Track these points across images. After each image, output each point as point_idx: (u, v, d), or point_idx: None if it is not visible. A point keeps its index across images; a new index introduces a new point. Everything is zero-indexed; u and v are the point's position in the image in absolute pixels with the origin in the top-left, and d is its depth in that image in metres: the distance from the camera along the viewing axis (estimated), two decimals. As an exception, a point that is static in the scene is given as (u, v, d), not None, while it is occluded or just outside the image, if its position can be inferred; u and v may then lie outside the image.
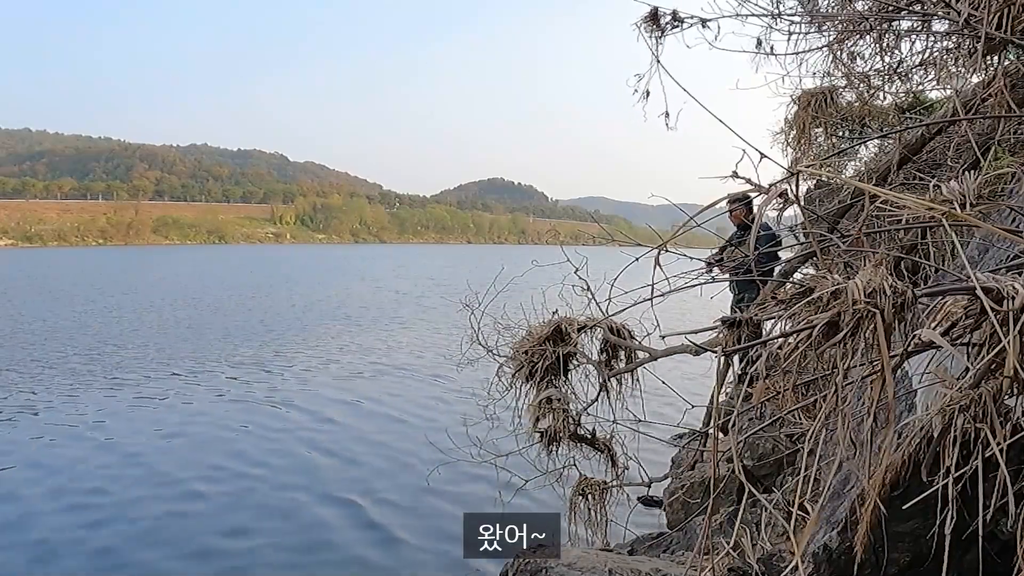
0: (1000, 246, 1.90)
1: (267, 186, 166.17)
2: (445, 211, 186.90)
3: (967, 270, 1.13)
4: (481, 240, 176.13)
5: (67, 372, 10.10)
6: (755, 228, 1.92)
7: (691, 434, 4.40)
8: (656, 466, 4.69)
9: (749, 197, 3.05)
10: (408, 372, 10.64)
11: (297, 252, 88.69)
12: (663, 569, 2.32)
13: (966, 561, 1.35)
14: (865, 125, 4.17)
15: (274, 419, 7.73)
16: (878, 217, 1.80)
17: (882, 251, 2.01)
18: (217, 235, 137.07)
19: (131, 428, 7.23)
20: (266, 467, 6.05)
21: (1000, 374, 1.11)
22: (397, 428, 7.41)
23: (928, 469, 1.28)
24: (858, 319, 1.12)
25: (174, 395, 8.78)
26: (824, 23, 3.45)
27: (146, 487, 5.48)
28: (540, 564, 2.34)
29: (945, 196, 1.37)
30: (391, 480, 5.74)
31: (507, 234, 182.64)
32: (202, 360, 11.29)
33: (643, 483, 3.45)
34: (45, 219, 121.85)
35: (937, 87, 3.53)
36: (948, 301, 1.19)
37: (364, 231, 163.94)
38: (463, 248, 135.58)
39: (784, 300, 1.21)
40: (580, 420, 3.03)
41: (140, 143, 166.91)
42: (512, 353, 3.10)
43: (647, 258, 2.00)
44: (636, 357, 3.05)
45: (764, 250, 4.61)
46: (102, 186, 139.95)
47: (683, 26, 3.13)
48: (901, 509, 1.37)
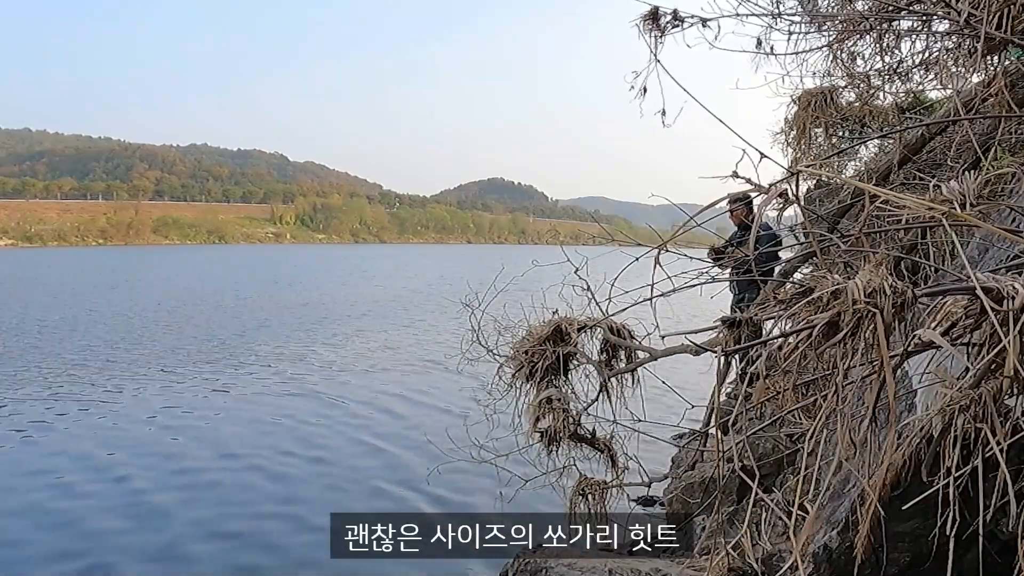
0: (1000, 246, 1.90)
1: (267, 186, 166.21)
2: (445, 211, 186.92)
3: (967, 270, 1.13)
4: (481, 240, 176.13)
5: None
6: (755, 228, 1.92)
7: (691, 434, 4.40)
8: (656, 466, 4.69)
9: (749, 197, 3.05)
10: (408, 372, 10.65)
11: (297, 252, 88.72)
12: (663, 569, 2.32)
13: (966, 561, 1.35)
14: (865, 125, 4.16)
15: (271, 417, 7.73)
16: (878, 217, 1.80)
17: (882, 251, 2.01)
18: (217, 235, 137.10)
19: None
20: (264, 469, 6.05)
21: (1000, 374, 1.11)
22: (397, 428, 7.41)
23: (928, 469, 1.28)
24: (858, 319, 1.12)
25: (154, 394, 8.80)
26: (824, 23, 3.45)
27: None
28: (540, 564, 2.35)
29: (945, 196, 1.37)
30: (391, 480, 5.74)
31: (507, 234, 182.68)
32: (194, 359, 11.31)
33: (643, 483, 3.44)
34: (45, 219, 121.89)
35: (937, 87, 3.53)
36: (948, 301, 1.19)
37: (364, 231, 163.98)
38: (463, 248, 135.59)
39: (784, 300, 1.22)
40: (580, 420, 3.02)
41: (140, 143, 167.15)
42: (512, 353, 3.10)
43: (647, 258, 2.01)
44: (636, 357, 3.05)
45: (764, 250, 4.61)
46: (102, 186, 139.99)
47: (683, 26, 3.13)
48: (901, 509, 1.37)
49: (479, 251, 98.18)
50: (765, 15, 3.35)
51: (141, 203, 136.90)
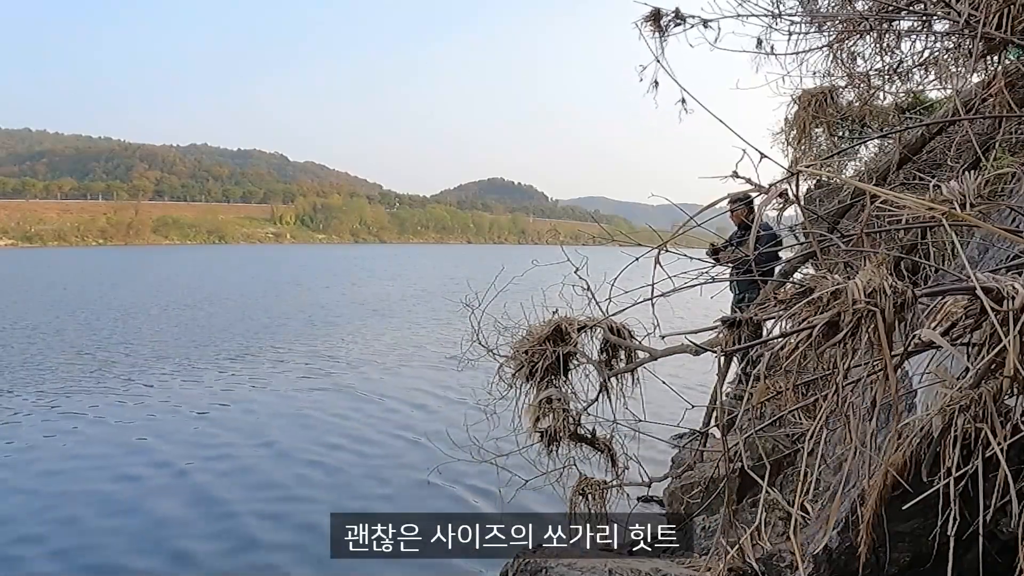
0: (1000, 246, 1.90)
1: (267, 186, 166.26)
2: (445, 211, 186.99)
3: (967, 270, 1.13)
4: (481, 240, 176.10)
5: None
6: (755, 228, 1.92)
7: (691, 434, 4.40)
8: (656, 466, 4.69)
9: (749, 197, 3.05)
10: (408, 371, 10.65)
11: (298, 252, 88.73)
12: (663, 569, 2.32)
13: (966, 561, 1.35)
14: (865, 125, 4.16)
15: (271, 416, 7.73)
16: (878, 217, 1.80)
17: (882, 251, 2.01)
18: (217, 235, 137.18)
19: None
20: (263, 468, 6.05)
21: (1000, 374, 1.11)
22: (397, 427, 7.41)
23: (928, 469, 1.28)
24: (858, 319, 1.12)
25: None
26: (824, 23, 3.45)
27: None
28: (540, 564, 2.34)
29: (945, 196, 1.37)
30: (391, 480, 5.74)
31: (507, 234, 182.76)
32: (187, 358, 11.31)
33: (643, 483, 3.44)
34: (45, 219, 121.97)
35: (937, 87, 3.53)
36: (948, 301, 1.19)
37: (364, 231, 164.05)
38: (463, 248, 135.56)
39: (784, 300, 1.22)
40: (580, 420, 3.03)
41: (140, 143, 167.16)
42: (512, 353, 3.10)
43: (647, 258, 2.01)
44: (636, 357, 3.05)
45: (765, 250, 4.61)
46: (102, 186, 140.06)
47: (684, 26, 3.13)
48: (901, 509, 1.37)
49: (479, 251, 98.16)
50: (765, 15, 3.35)
51: (141, 203, 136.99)
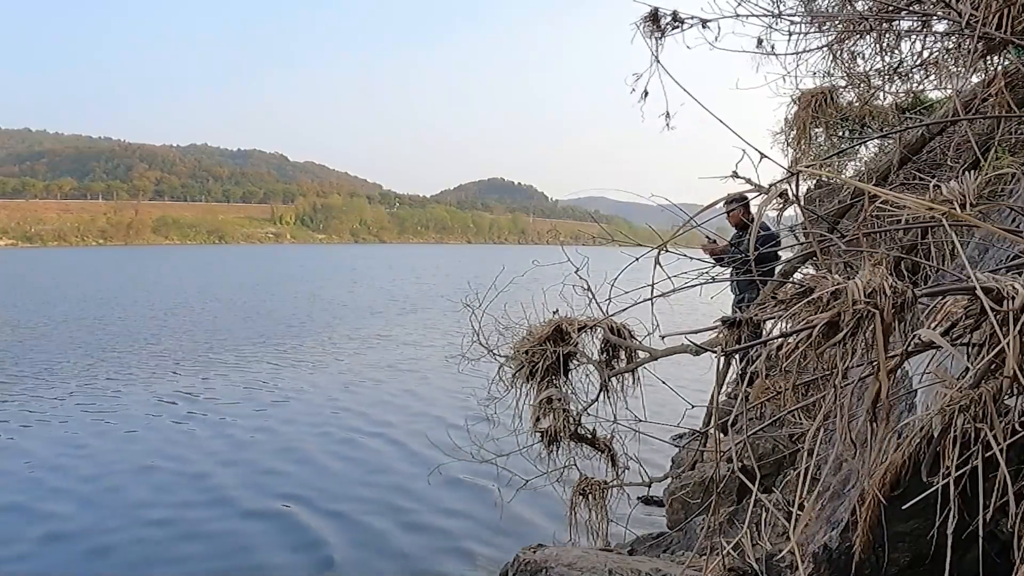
0: (1000, 246, 1.90)
1: (267, 186, 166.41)
2: (445, 211, 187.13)
3: (967, 270, 1.13)
4: (481, 240, 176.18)
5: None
6: (754, 228, 1.92)
7: (691, 434, 4.40)
8: (656, 466, 4.69)
9: (746, 197, 3.05)
10: (408, 372, 10.65)
11: (298, 252, 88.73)
12: (663, 569, 2.32)
13: (966, 561, 1.35)
14: (865, 125, 4.17)
15: (269, 416, 7.73)
16: (878, 217, 1.80)
17: (882, 251, 2.01)
18: (217, 235, 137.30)
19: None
20: (261, 467, 6.05)
21: (1000, 374, 1.11)
22: (397, 427, 7.41)
23: (928, 469, 1.28)
24: (858, 319, 1.12)
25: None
26: (824, 23, 3.45)
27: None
28: (540, 564, 2.34)
29: (945, 196, 1.37)
30: (391, 480, 5.74)
31: (507, 234, 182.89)
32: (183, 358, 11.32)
33: (643, 483, 3.44)
34: (45, 219, 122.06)
35: (937, 87, 3.53)
36: (948, 301, 1.19)
37: (364, 231, 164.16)
38: (463, 248, 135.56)
39: (784, 300, 1.22)
40: (580, 420, 3.03)
41: (140, 143, 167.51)
42: (512, 353, 3.10)
43: (647, 258, 2.01)
44: (636, 357, 3.05)
45: (764, 250, 4.61)
46: (102, 186, 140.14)
47: (683, 27, 3.13)
48: (901, 509, 1.37)
49: (479, 251, 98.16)
50: (765, 15, 3.34)
51: (141, 203, 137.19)
